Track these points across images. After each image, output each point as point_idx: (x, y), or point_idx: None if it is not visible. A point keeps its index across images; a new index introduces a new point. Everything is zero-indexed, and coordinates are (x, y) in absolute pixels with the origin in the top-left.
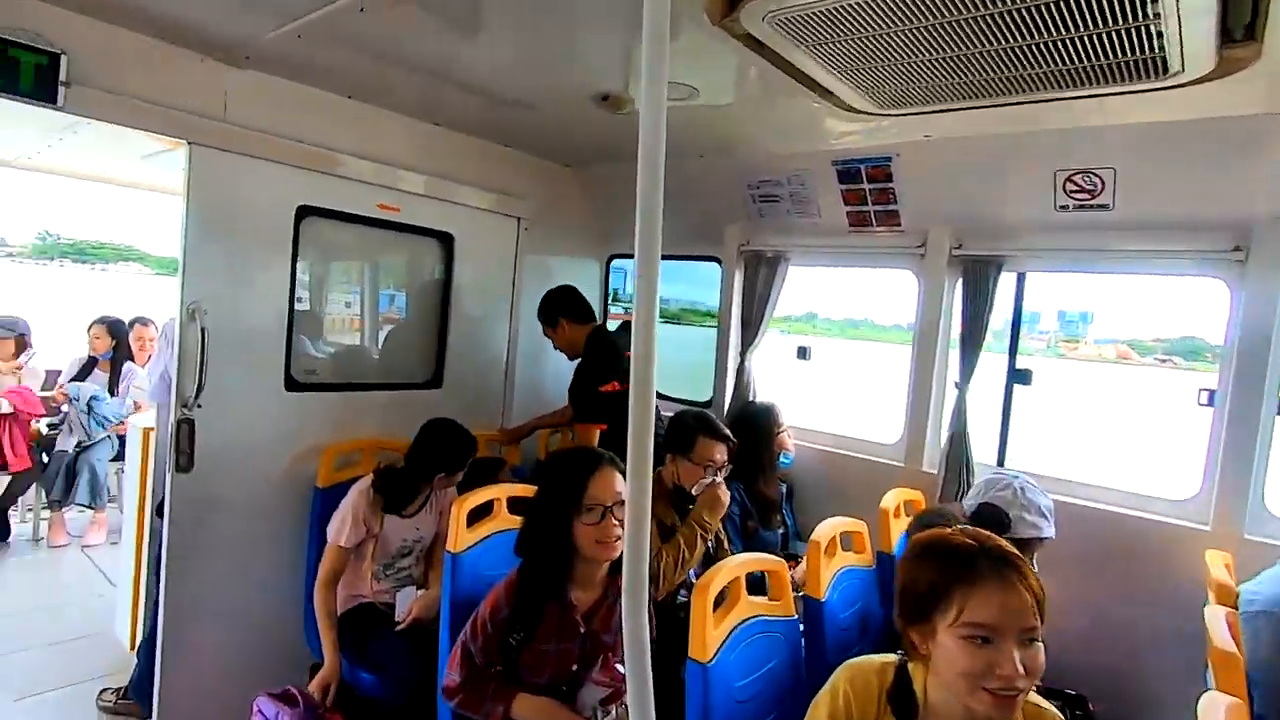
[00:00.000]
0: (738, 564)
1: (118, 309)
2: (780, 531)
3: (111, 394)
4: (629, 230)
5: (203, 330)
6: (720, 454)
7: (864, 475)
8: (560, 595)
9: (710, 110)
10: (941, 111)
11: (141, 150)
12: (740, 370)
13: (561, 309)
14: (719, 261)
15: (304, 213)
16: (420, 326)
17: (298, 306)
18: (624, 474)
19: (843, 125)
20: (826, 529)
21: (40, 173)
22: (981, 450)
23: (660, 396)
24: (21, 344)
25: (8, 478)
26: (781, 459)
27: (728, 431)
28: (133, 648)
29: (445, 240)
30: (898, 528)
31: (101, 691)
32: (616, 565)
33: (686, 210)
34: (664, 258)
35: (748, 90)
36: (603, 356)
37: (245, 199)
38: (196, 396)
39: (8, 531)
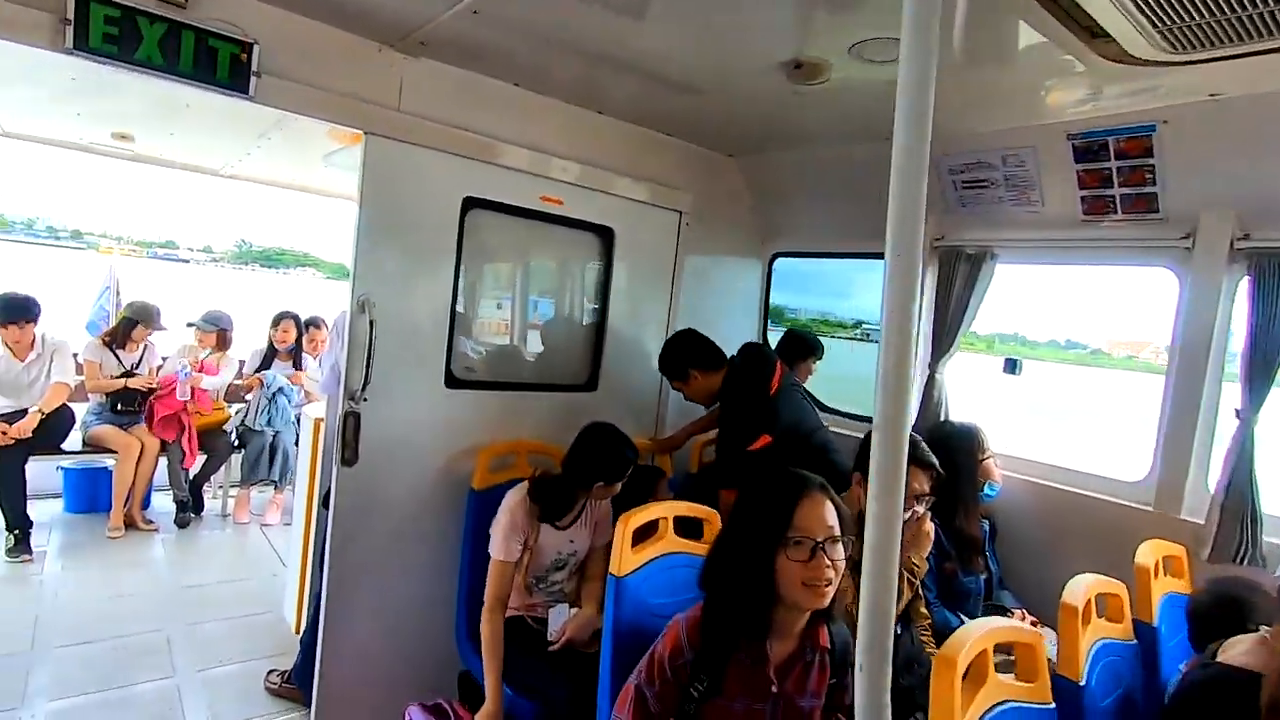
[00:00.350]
0: (985, 633)
1: (294, 309)
2: (983, 577)
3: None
4: (796, 225)
5: (371, 323)
6: (922, 482)
7: (1095, 518)
8: (753, 644)
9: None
10: (1256, 54)
11: (322, 149)
12: (930, 385)
13: (689, 359)
14: None
15: (469, 205)
16: (576, 326)
17: (459, 300)
18: (836, 503)
19: (1087, 89)
20: (1080, 590)
21: (240, 181)
22: (1273, 498)
23: (821, 407)
24: (223, 338)
25: (203, 457)
26: (985, 490)
27: (932, 457)
28: (297, 630)
29: (605, 235)
30: (1158, 590)
31: (269, 673)
32: (817, 614)
33: (858, 201)
34: (831, 255)
35: (976, 42)
36: (746, 404)
37: (415, 190)
38: (363, 389)
39: (201, 506)
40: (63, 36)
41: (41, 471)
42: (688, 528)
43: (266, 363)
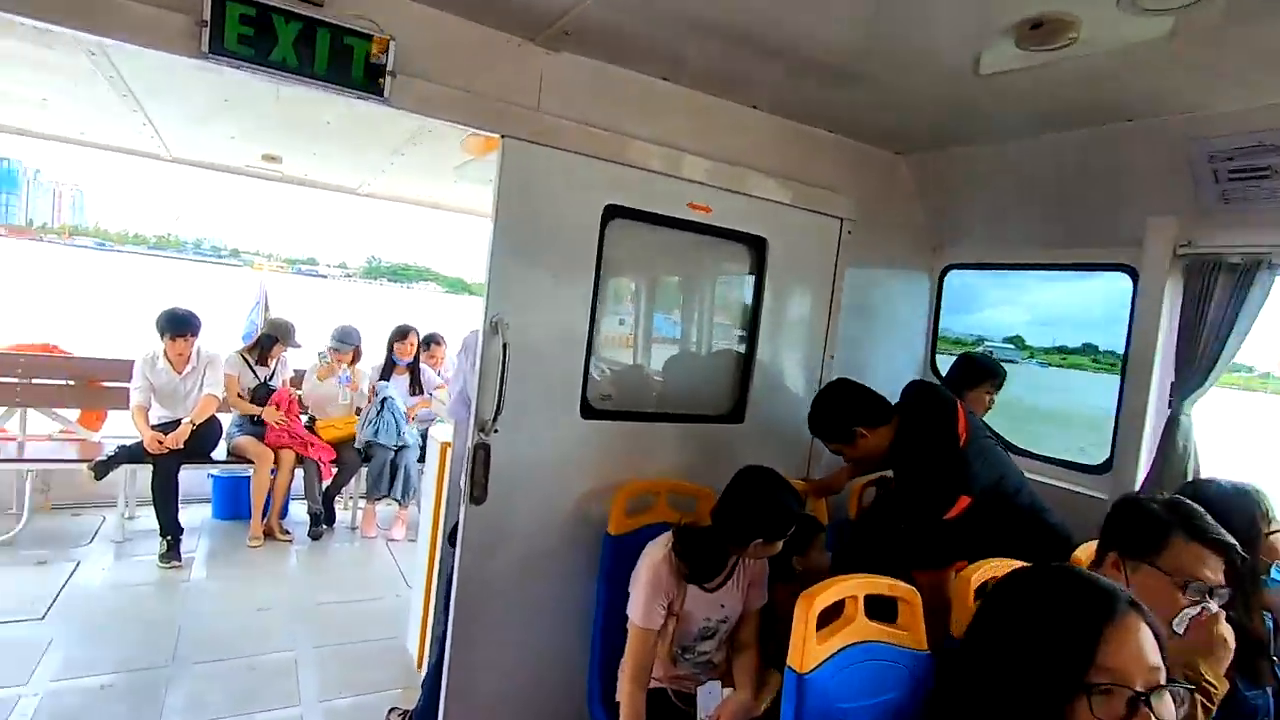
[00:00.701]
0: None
1: (414, 323)
2: (1269, 689)
3: (413, 394)
4: (973, 233)
5: (505, 346)
6: (1214, 568)
7: None
8: None
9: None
10: None
11: (453, 161)
12: (1172, 427)
13: (853, 416)
14: (1131, 272)
15: (611, 214)
16: (722, 350)
17: (595, 321)
18: (1155, 629)
19: None
20: None
21: (374, 199)
22: None
23: (1021, 453)
24: (357, 355)
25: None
26: (1271, 575)
27: (1228, 537)
28: (419, 665)
29: (757, 246)
30: None
31: (390, 711)
32: None
33: (1077, 201)
34: (1017, 268)
35: None
36: (933, 462)
37: (554, 198)
38: (495, 419)
39: (333, 518)
40: (199, 40)
41: (194, 478)
42: (878, 607)
43: (385, 376)
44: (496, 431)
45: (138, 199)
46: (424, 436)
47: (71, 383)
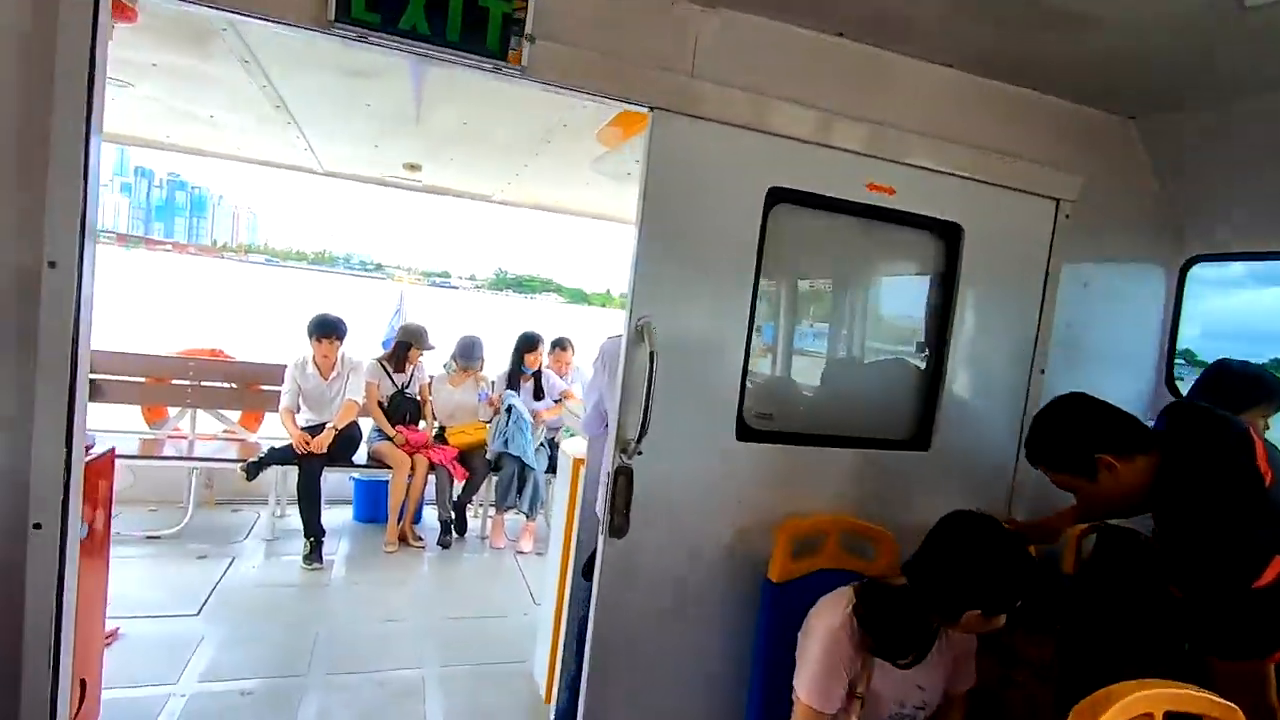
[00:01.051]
0: None
1: (540, 332)
2: None
3: (538, 399)
4: (1233, 217)
5: (652, 355)
6: None
7: None
8: None
9: None
10: None
11: (589, 156)
12: None
13: (1098, 441)
14: None
15: (775, 198)
16: (903, 360)
17: (754, 326)
18: None
19: None
20: None
21: (507, 206)
22: None
23: None
24: (480, 367)
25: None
26: None
27: None
28: (548, 699)
29: (950, 235)
30: None
31: None
32: None
33: None
34: None
35: None
36: (1230, 509)
37: (710, 181)
38: (639, 440)
39: (464, 526)
40: (325, 8)
41: (338, 480)
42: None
43: (511, 384)
44: (640, 454)
45: (299, 219)
46: (551, 445)
47: (234, 386)
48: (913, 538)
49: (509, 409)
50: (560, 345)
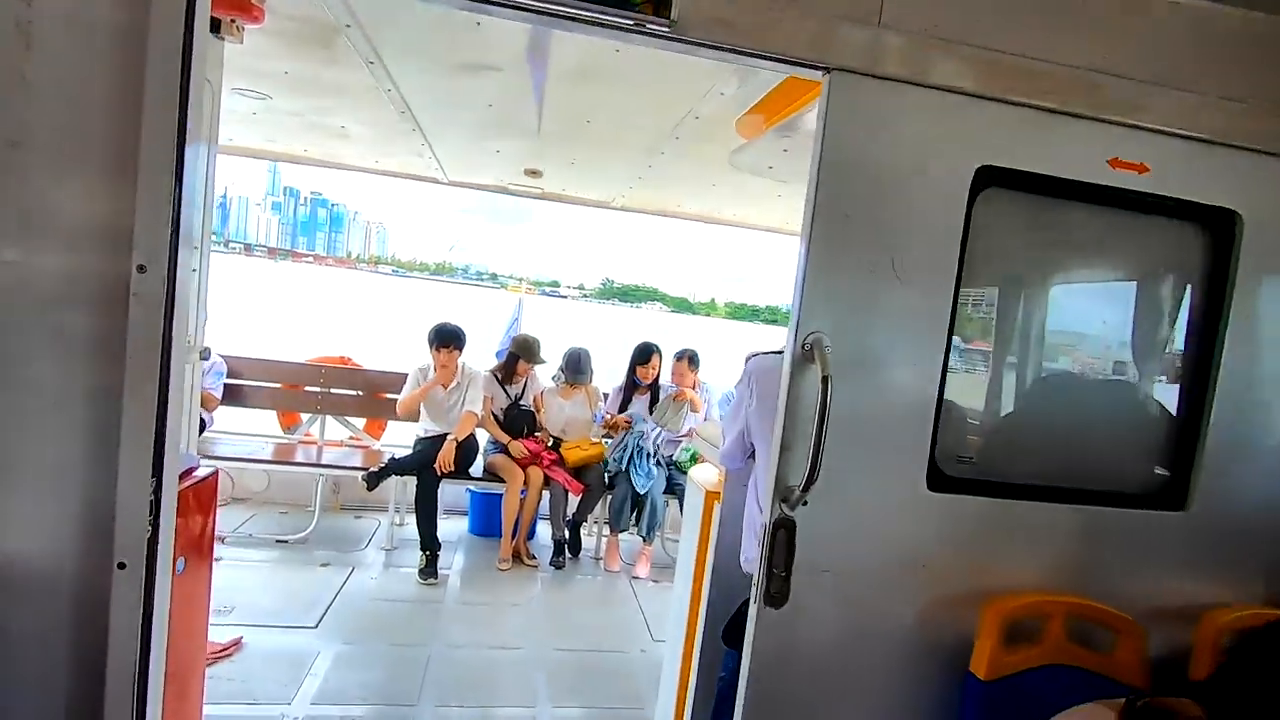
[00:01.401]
0: None
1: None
2: None
3: (652, 413)
4: None
5: (825, 380)
6: None
7: None
8: None
9: None
10: None
11: (725, 149)
12: None
13: None
14: None
15: (985, 180)
16: (1147, 392)
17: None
18: None
19: None
20: None
21: (626, 213)
22: None
23: None
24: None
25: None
26: None
27: None
28: None
29: (1220, 226)
30: None
31: None
32: None
33: None
34: None
35: None
36: None
37: (900, 159)
38: (805, 488)
39: (578, 547)
40: None
41: (455, 490)
42: None
43: (626, 399)
44: (805, 504)
45: (424, 231)
46: (669, 464)
47: (360, 393)
48: (1161, 628)
49: (637, 434)
50: (689, 360)
